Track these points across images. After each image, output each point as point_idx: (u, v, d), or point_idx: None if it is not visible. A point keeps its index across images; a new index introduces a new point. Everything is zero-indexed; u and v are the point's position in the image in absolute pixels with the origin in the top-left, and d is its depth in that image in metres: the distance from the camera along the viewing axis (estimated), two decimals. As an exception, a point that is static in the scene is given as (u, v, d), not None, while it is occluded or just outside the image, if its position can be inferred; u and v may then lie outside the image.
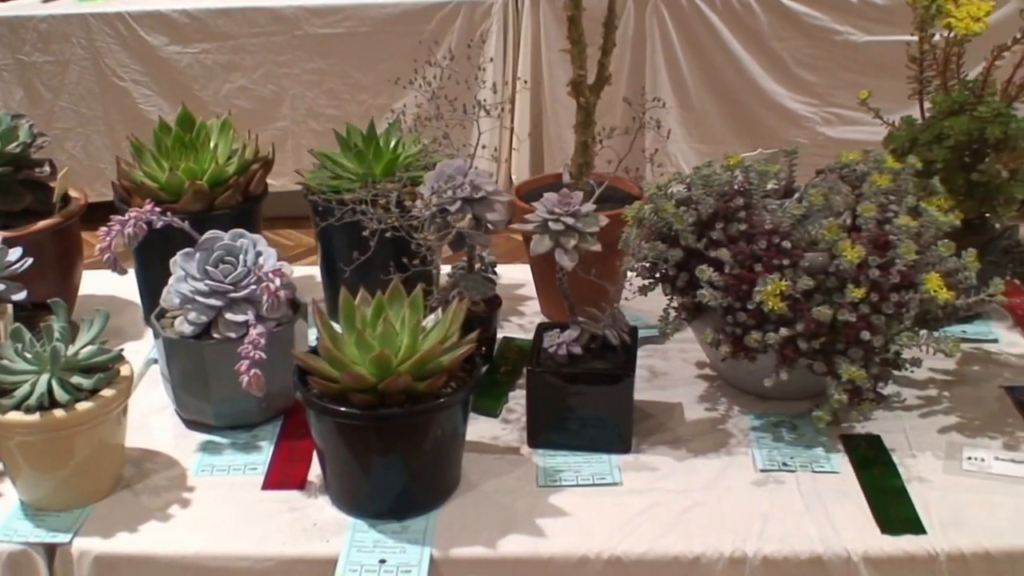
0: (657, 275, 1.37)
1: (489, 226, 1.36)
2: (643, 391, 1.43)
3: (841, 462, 1.29)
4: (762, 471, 1.27)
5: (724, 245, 1.30)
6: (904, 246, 1.25)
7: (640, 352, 1.52)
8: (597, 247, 1.27)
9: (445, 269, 1.51)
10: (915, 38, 1.54)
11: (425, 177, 1.38)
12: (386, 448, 1.18)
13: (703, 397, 1.43)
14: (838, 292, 1.25)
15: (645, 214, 1.34)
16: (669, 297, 1.37)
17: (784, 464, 1.28)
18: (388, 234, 1.34)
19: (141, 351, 1.55)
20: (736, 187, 1.35)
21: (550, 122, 3.53)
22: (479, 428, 1.36)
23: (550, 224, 1.25)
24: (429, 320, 1.25)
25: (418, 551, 1.15)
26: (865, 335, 1.24)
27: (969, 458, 1.29)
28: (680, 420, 1.38)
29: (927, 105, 1.54)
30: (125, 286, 1.67)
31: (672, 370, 1.49)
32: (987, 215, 1.52)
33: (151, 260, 1.50)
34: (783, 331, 1.25)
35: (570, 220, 1.25)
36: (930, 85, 1.54)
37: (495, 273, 1.49)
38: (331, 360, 1.17)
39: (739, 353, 1.29)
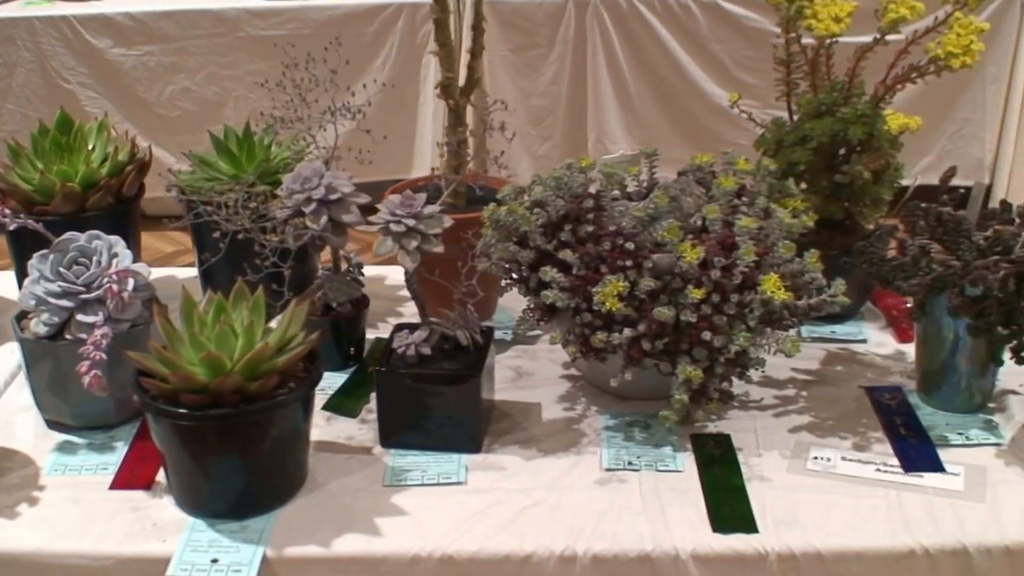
0: (513, 276, 1.38)
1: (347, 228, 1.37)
2: (505, 391, 1.43)
3: (687, 461, 1.29)
4: (607, 470, 1.28)
5: (572, 247, 1.31)
6: (744, 248, 1.26)
7: (509, 352, 1.54)
8: (439, 248, 1.28)
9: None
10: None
11: (283, 179, 1.39)
12: (222, 448, 1.19)
13: (564, 397, 1.43)
14: (682, 293, 1.26)
15: (500, 215, 1.35)
16: (527, 298, 1.38)
17: (630, 463, 1.29)
18: (240, 235, 1.35)
19: (18, 352, 1.56)
20: (592, 190, 1.36)
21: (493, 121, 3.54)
22: (337, 428, 1.37)
23: (391, 226, 1.26)
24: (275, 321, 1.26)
25: (251, 550, 1.16)
26: (707, 335, 1.25)
27: (815, 458, 1.30)
28: (536, 420, 1.38)
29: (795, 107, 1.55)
30: (13, 287, 1.68)
31: (538, 370, 1.49)
32: (855, 217, 1.53)
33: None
34: (627, 332, 1.26)
35: (411, 222, 1.26)
36: (799, 87, 1.54)
37: (362, 274, 1.50)
38: (163, 361, 1.18)
39: (588, 354, 1.30)
